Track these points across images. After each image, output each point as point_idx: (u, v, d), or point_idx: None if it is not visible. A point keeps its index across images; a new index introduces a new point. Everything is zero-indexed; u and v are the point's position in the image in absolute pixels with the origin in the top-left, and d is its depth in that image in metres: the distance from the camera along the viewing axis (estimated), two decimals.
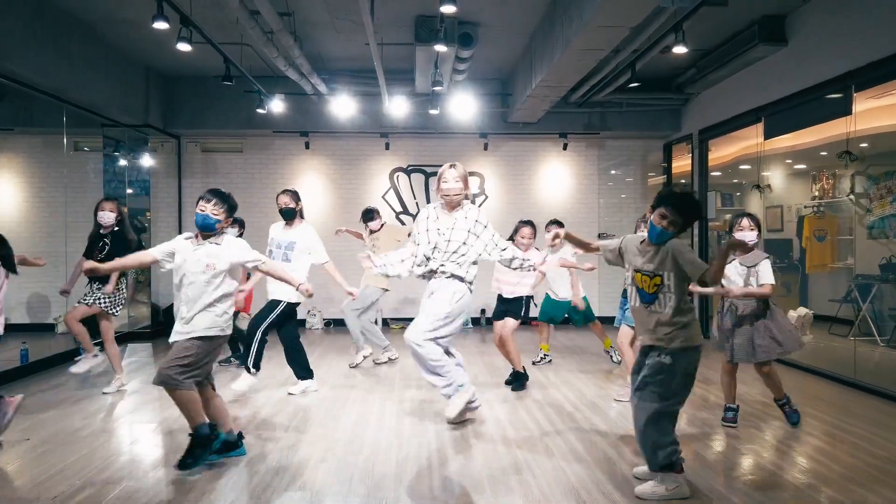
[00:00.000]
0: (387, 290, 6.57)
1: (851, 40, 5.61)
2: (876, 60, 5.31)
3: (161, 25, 4.77)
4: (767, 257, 4.22)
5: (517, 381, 5.45)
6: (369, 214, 6.75)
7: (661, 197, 3.09)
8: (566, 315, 6.44)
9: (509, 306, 5.32)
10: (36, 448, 3.90)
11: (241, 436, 3.73)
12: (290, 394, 5.20)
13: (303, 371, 5.26)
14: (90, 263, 3.43)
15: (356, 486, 3.27)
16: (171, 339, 3.46)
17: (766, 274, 4.16)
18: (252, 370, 5.05)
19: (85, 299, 5.16)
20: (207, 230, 3.48)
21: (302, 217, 5.34)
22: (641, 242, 3.20)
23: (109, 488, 3.22)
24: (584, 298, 6.34)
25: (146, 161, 9.06)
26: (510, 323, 5.28)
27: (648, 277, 3.13)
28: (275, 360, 5.98)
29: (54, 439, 4.07)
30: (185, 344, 3.38)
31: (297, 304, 5.16)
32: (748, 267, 4.18)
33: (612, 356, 6.55)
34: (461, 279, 4.21)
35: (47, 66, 6.11)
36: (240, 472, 3.47)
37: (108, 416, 4.66)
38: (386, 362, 6.55)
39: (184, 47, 5.32)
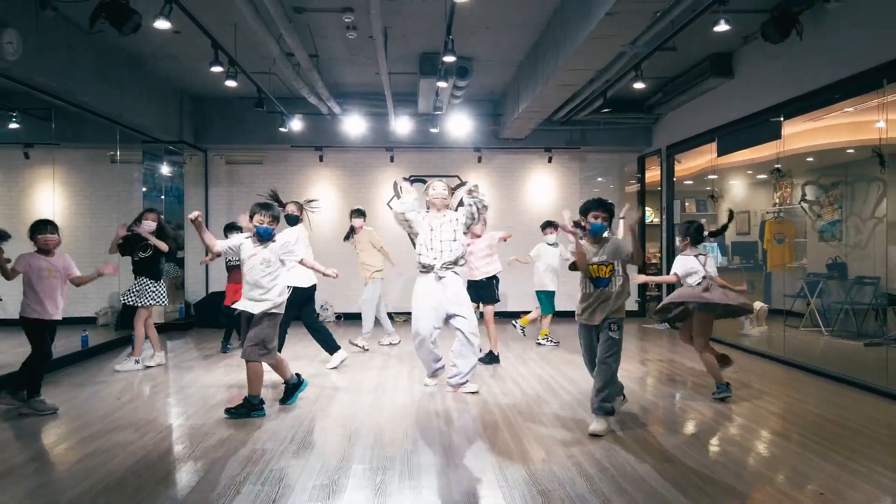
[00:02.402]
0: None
1: (781, 77, 6.77)
2: (800, 95, 6.48)
3: (217, 69, 5.89)
4: (708, 256, 5.48)
5: (492, 359, 6.56)
6: (360, 212, 7.73)
7: (588, 204, 4.33)
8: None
9: (483, 291, 6.52)
10: (128, 404, 5.04)
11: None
12: (331, 368, 6.28)
13: (331, 346, 6.34)
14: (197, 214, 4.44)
15: (383, 429, 4.41)
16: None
17: (713, 266, 5.40)
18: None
19: (141, 301, 6.29)
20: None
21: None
22: (589, 240, 4.34)
23: (189, 425, 4.36)
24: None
25: (179, 172, 10.15)
26: (489, 309, 6.51)
27: (604, 266, 4.26)
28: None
29: (139, 398, 5.21)
30: None
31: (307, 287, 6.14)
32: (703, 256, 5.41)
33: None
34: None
35: (106, 95, 7.22)
36: (291, 418, 4.60)
37: (166, 381, 5.78)
38: (388, 345, 7.80)
39: (231, 83, 6.45)
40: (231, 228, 7.30)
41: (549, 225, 7.47)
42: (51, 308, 4.77)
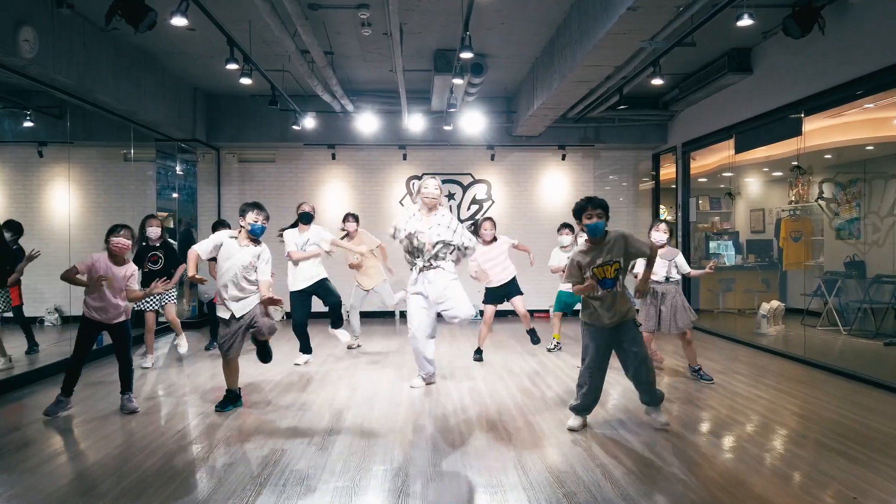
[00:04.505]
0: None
1: (802, 73, 6.67)
2: (820, 91, 6.38)
3: (232, 66, 5.86)
4: (678, 252, 5.73)
5: (534, 335, 6.83)
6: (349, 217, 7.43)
7: (583, 204, 4.13)
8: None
9: (507, 289, 6.61)
10: (144, 403, 5.03)
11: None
12: (296, 364, 6.48)
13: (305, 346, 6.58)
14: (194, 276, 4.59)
15: (402, 429, 4.37)
16: None
17: (683, 264, 5.69)
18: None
19: (162, 300, 6.40)
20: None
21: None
22: (586, 244, 4.19)
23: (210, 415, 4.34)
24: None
25: (192, 171, 10.15)
26: (518, 300, 6.62)
27: (609, 266, 4.14)
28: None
29: (154, 397, 5.20)
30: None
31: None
32: (668, 260, 5.62)
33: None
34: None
35: (123, 93, 7.21)
36: (308, 418, 4.57)
37: (181, 380, 5.77)
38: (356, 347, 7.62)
39: (245, 81, 6.42)
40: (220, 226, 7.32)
41: (563, 227, 7.17)
42: (98, 312, 4.68)
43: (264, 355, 4.77)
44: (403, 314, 10.15)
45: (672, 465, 3.64)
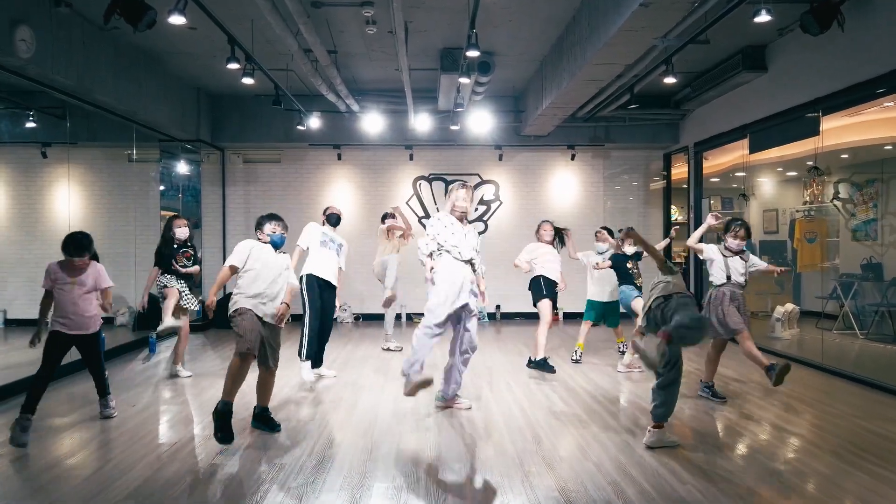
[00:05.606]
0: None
1: (820, 71, 6.47)
2: (839, 89, 6.17)
3: (233, 66, 5.73)
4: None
5: (547, 366, 6.25)
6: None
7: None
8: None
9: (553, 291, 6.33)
10: (142, 412, 4.90)
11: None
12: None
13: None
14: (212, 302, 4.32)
15: (405, 442, 4.23)
16: None
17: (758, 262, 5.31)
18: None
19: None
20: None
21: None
22: None
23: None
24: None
25: (196, 171, 10.04)
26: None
27: None
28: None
29: (153, 406, 5.08)
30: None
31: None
32: (745, 261, 5.25)
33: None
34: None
35: (123, 93, 7.09)
36: (307, 430, 4.43)
37: (181, 388, 5.64)
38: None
39: (247, 80, 6.29)
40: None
41: (603, 229, 6.85)
42: (68, 322, 4.44)
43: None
44: (410, 316, 10.02)
45: (687, 481, 3.47)
